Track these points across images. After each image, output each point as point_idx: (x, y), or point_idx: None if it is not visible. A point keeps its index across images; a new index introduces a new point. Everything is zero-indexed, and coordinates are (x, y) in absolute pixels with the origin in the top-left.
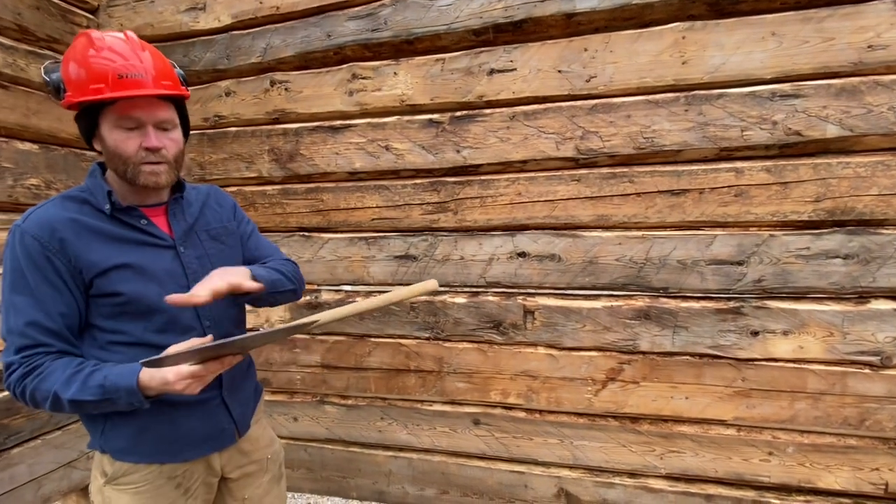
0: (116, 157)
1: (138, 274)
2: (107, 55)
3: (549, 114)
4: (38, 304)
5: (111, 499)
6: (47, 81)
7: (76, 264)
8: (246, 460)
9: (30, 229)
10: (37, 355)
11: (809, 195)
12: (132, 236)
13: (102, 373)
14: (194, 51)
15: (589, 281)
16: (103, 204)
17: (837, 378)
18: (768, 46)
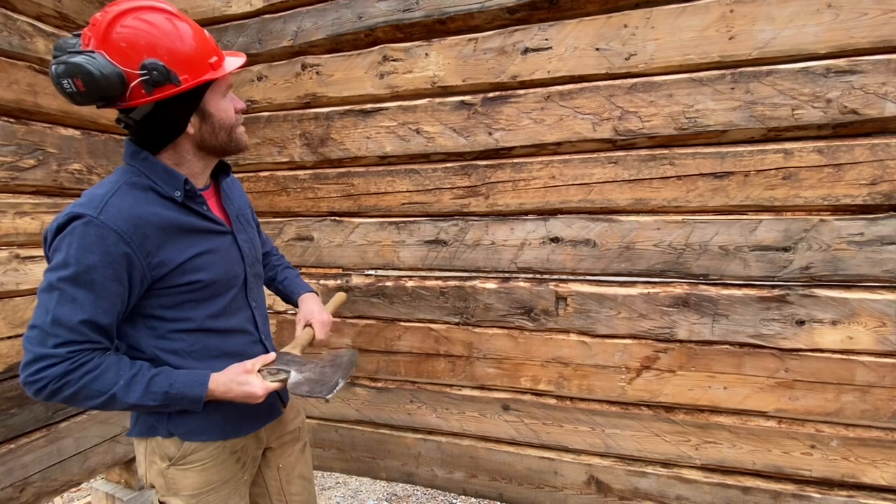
0: (223, 129)
1: (209, 263)
2: (186, 27)
3: (586, 94)
4: (100, 301)
5: (176, 479)
6: (148, 77)
7: (153, 259)
8: (283, 430)
9: (111, 222)
10: (84, 352)
11: (865, 178)
12: (201, 224)
13: (167, 379)
14: (227, 35)
15: (625, 267)
16: (172, 191)
17: (888, 370)
18: (824, 19)
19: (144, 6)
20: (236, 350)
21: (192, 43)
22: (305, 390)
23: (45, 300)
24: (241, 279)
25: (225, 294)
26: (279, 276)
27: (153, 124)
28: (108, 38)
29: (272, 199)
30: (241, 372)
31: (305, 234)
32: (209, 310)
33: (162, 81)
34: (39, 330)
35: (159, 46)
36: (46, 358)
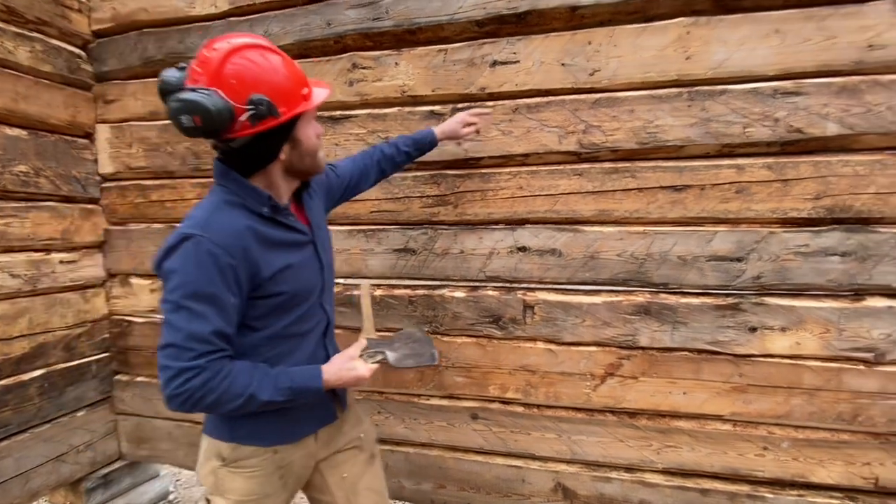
0: (308, 154)
1: (294, 273)
2: (282, 61)
3: (552, 107)
4: (222, 312)
5: (225, 480)
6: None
7: (252, 270)
8: (340, 441)
9: (215, 239)
10: (218, 360)
11: (809, 192)
12: (288, 237)
13: (289, 376)
14: (190, 37)
15: (589, 276)
16: (261, 207)
17: (833, 374)
18: (772, 43)
19: (251, 44)
20: (305, 354)
21: (289, 77)
22: (412, 363)
23: (174, 319)
24: (319, 288)
25: (304, 303)
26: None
27: (250, 152)
28: (219, 75)
29: None
30: (347, 360)
31: None
32: (289, 318)
33: (266, 115)
34: (175, 347)
35: (263, 82)
36: (187, 371)
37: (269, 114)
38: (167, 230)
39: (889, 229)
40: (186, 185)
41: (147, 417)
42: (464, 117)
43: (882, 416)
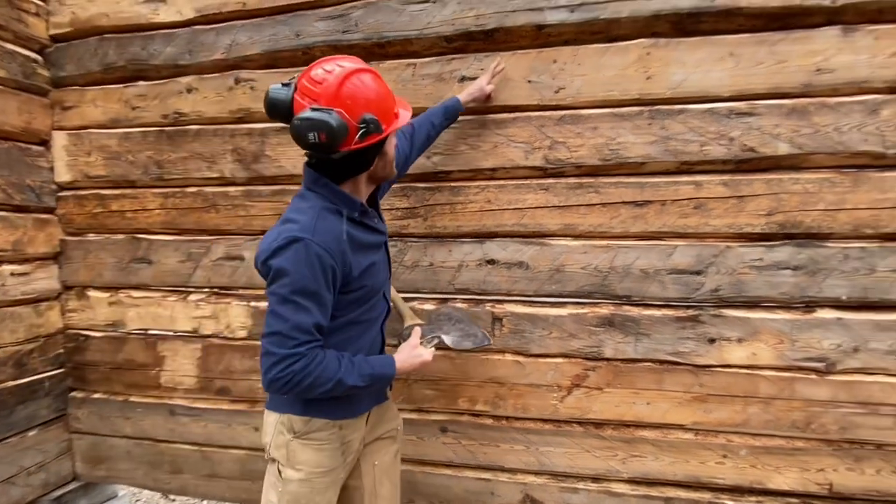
0: (390, 163)
1: (374, 269)
2: (383, 84)
3: (519, 123)
4: (321, 307)
5: (296, 451)
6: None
7: (346, 270)
8: (382, 427)
9: (321, 242)
10: (315, 349)
11: (763, 209)
12: (372, 239)
13: (369, 364)
14: (154, 44)
15: (556, 288)
16: (353, 211)
17: (786, 383)
18: (726, 66)
19: (362, 68)
20: (370, 338)
21: (387, 97)
22: (470, 344)
23: (282, 310)
24: (386, 280)
25: (376, 295)
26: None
27: (350, 163)
28: (338, 96)
29: (199, 216)
30: (412, 348)
31: (236, 254)
32: (363, 308)
33: (373, 132)
34: (281, 335)
35: (372, 102)
36: (291, 357)
37: (375, 131)
38: (128, 241)
39: (837, 244)
40: (148, 194)
41: (104, 436)
42: (483, 80)
43: (834, 423)
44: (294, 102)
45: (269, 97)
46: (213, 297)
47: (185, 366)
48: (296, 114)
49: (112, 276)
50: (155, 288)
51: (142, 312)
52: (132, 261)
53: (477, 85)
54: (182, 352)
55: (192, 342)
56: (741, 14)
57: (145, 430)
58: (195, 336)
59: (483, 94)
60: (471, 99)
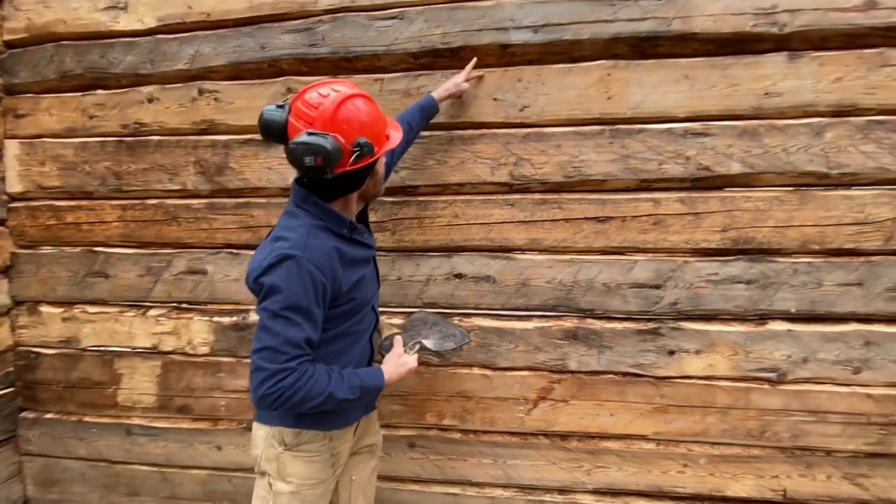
0: (379, 182)
1: (363, 283)
2: (375, 107)
3: (485, 139)
4: (312, 322)
5: (286, 463)
6: (359, 152)
7: (336, 286)
8: (365, 440)
9: (312, 259)
10: (305, 363)
11: (717, 225)
12: (361, 254)
13: (358, 376)
14: (113, 52)
15: (522, 302)
16: (342, 229)
17: (742, 393)
18: (682, 88)
19: (356, 93)
20: (359, 349)
21: (379, 120)
22: (452, 344)
23: (272, 325)
24: (375, 292)
25: (365, 307)
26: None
27: (342, 183)
28: (334, 120)
29: (160, 228)
30: (398, 357)
31: (198, 268)
32: (352, 320)
33: (366, 154)
34: (271, 350)
35: (366, 126)
36: (282, 372)
37: (368, 153)
38: (84, 254)
39: (786, 259)
40: (106, 206)
41: (57, 458)
42: (459, 77)
43: (786, 431)
44: (288, 125)
45: (263, 119)
46: (173, 313)
47: (143, 384)
48: (290, 136)
49: (66, 291)
50: (112, 303)
51: (98, 328)
52: (88, 275)
53: (453, 81)
54: (140, 369)
55: (151, 359)
56: (695, 39)
57: (100, 452)
58: (155, 353)
59: (459, 90)
60: (447, 95)
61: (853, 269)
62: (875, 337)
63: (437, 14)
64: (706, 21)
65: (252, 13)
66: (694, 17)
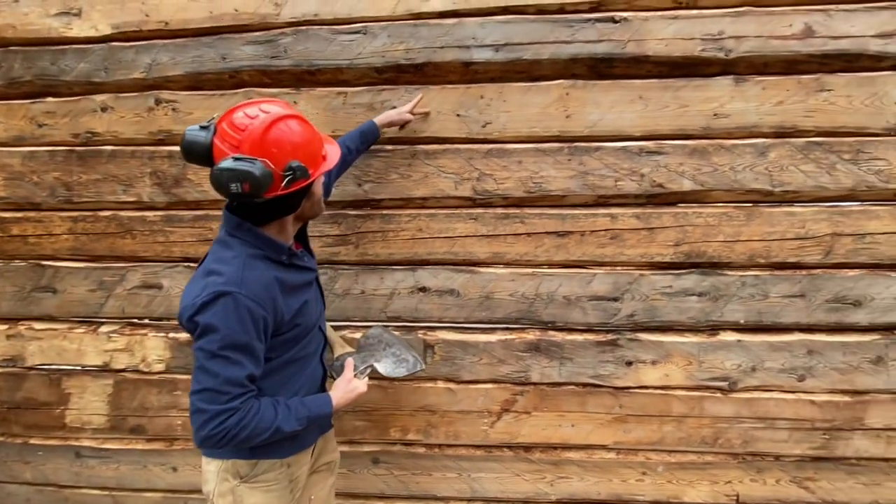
0: (317, 202)
1: (307, 307)
2: (310, 128)
3: (448, 154)
4: (253, 358)
5: (243, 496)
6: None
7: (278, 317)
8: (323, 458)
9: (250, 294)
10: (249, 400)
11: (671, 240)
12: (302, 278)
13: (305, 406)
14: (65, 59)
15: (485, 315)
16: (280, 255)
17: (696, 402)
18: (636, 108)
19: (287, 115)
20: (308, 373)
21: (313, 141)
22: (404, 371)
23: (211, 366)
24: (320, 313)
25: (312, 330)
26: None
27: (275, 207)
28: (262, 144)
29: (113, 241)
30: (347, 383)
31: (153, 282)
32: (299, 345)
33: (300, 178)
34: (211, 391)
35: (299, 148)
36: (223, 413)
37: (302, 177)
38: (30, 269)
39: (735, 273)
40: (55, 218)
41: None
42: (405, 108)
43: (738, 438)
44: (214, 147)
45: (185, 140)
46: (127, 329)
47: (93, 403)
48: (216, 160)
49: (11, 307)
50: (61, 319)
51: (44, 346)
52: (35, 290)
53: (397, 111)
54: (91, 388)
55: (102, 377)
56: (649, 61)
57: (47, 476)
58: (106, 371)
59: (402, 120)
60: (388, 122)
61: (796, 281)
62: (817, 346)
63: (401, 30)
64: (658, 45)
65: (213, 23)
66: (647, 40)
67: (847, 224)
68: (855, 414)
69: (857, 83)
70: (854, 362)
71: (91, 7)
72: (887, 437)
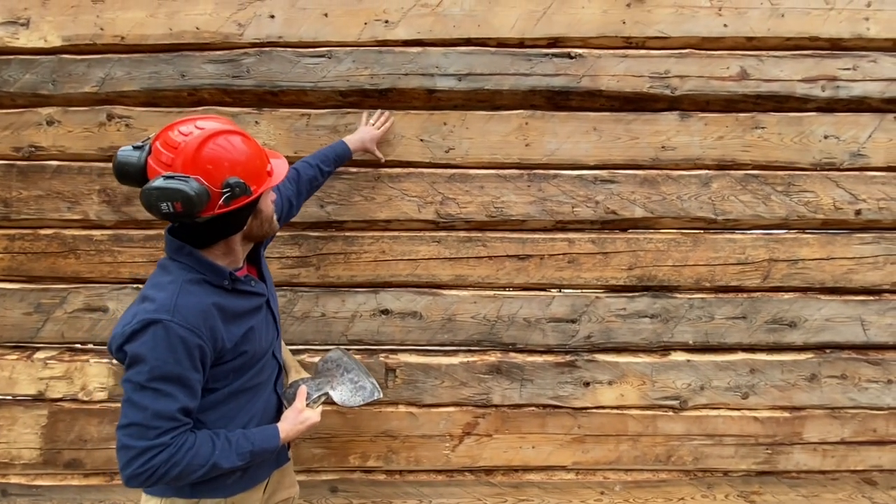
0: (267, 221)
1: (254, 334)
2: (252, 144)
3: (412, 178)
4: (187, 389)
5: None
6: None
7: (217, 345)
8: (280, 493)
9: (185, 322)
10: (181, 435)
11: (624, 264)
12: (248, 304)
13: (248, 439)
14: (9, 69)
15: (447, 338)
16: (222, 280)
17: (650, 421)
18: (591, 139)
19: (222, 130)
20: (261, 403)
21: (255, 156)
22: (359, 400)
23: (139, 399)
24: (273, 339)
25: (262, 358)
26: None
27: (217, 227)
28: (196, 161)
29: (55, 261)
30: (297, 413)
31: (98, 305)
32: (248, 374)
33: (239, 195)
34: (139, 426)
35: (237, 164)
36: (152, 449)
37: (242, 194)
38: None
39: (684, 295)
40: None
41: None
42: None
43: (689, 455)
44: (148, 167)
45: (118, 161)
46: (66, 355)
47: (24, 436)
48: (151, 180)
49: None
50: None
51: None
52: None
53: (369, 134)
54: (22, 420)
55: (35, 408)
56: (602, 95)
57: None
58: (40, 400)
59: (373, 140)
60: (361, 148)
61: (738, 304)
62: (758, 365)
63: (366, 56)
64: (610, 80)
65: (172, 40)
66: (600, 76)
67: (782, 250)
68: (794, 429)
69: (787, 122)
70: (791, 380)
71: (41, 18)
72: (823, 450)
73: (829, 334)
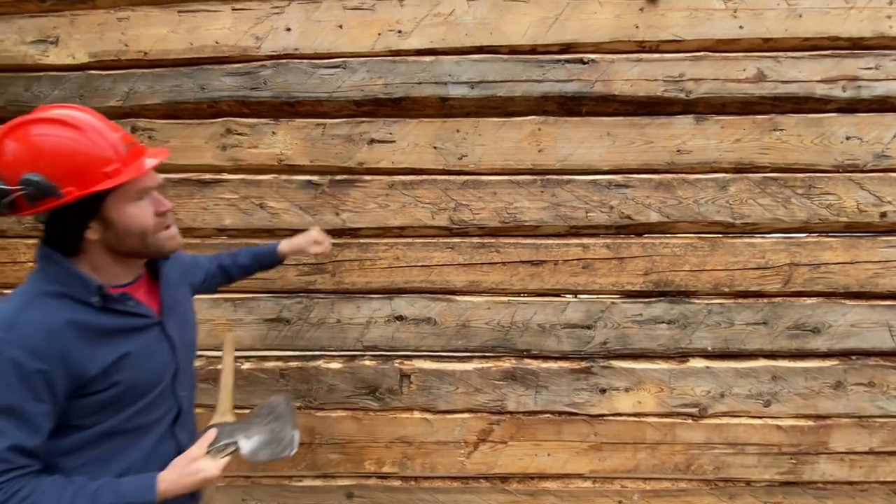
0: (133, 234)
1: (133, 361)
2: (82, 138)
3: (426, 185)
4: (23, 423)
5: None
6: (27, 191)
7: (74, 371)
8: None
9: (22, 341)
10: (15, 480)
11: (640, 269)
12: (123, 323)
13: (112, 490)
14: (39, 85)
15: (462, 343)
16: (89, 297)
17: (668, 429)
18: (605, 143)
19: (43, 118)
20: (143, 451)
21: (81, 154)
22: (266, 455)
23: None
24: (171, 373)
25: (149, 393)
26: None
27: (53, 231)
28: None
29: None
30: (189, 462)
31: None
32: (128, 412)
33: (40, 196)
34: None
35: (43, 161)
36: None
37: (45, 195)
38: None
39: (702, 301)
40: (20, 245)
41: None
42: (314, 235)
43: (710, 464)
44: None
45: None
46: None
47: None
48: None
49: None
50: None
51: None
52: None
53: (306, 237)
54: None
55: None
56: (615, 100)
57: None
58: None
59: (307, 252)
60: (292, 252)
61: (758, 309)
62: (781, 371)
63: (380, 66)
64: (624, 85)
65: (193, 54)
66: (613, 80)
67: (803, 254)
68: (819, 438)
69: (806, 123)
70: (816, 387)
71: (69, 36)
72: (850, 460)
73: (855, 340)
